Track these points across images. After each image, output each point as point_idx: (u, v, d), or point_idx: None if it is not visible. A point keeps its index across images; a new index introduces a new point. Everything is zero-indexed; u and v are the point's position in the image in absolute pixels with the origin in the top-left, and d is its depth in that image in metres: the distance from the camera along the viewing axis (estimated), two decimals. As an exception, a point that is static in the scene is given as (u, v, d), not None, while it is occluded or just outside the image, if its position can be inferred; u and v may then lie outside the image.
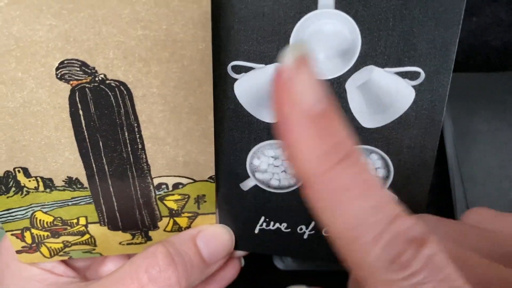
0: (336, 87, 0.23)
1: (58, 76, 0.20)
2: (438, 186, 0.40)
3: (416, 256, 0.15)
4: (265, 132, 0.24)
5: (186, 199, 0.25)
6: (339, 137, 0.15)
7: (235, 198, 0.26)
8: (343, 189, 0.15)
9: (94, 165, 0.23)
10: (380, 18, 0.21)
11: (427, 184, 0.24)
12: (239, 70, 0.23)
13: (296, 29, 0.21)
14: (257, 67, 0.22)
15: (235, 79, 0.23)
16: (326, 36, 0.21)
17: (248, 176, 0.25)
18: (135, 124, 0.22)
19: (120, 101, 0.21)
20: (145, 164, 0.23)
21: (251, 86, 0.23)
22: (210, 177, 0.24)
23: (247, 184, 0.26)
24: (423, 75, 0.22)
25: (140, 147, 0.23)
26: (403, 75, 0.22)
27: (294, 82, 0.14)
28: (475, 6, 0.43)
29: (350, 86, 0.23)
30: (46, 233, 0.26)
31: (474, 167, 0.39)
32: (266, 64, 0.22)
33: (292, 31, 0.21)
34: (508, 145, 0.40)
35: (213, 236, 0.26)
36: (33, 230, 0.25)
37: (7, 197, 0.24)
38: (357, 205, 0.15)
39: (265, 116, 0.24)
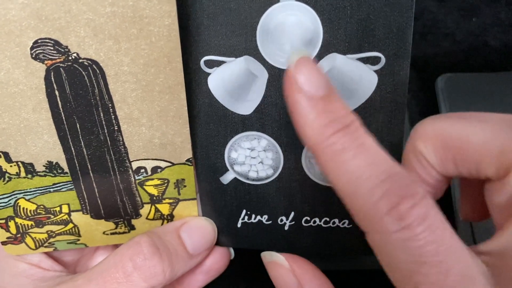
0: None
1: (33, 56, 0.21)
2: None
3: (410, 212, 0.16)
4: (240, 124, 0.25)
5: (166, 184, 0.26)
6: (337, 113, 0.18)
7: (216, 192, 0.26)
8: (341, 151, 0.17)
9: (72, 148, 0.24)
10: (338, 7, 0.22)
11: None
12: (212, 64, 0.24)
13: (261, 22, 0.23)
14: (228, 60, 0.23)
15: (208, 74, 0.24)
16: (290, 27, 0.23)
17: (227, 170, 0.26)
18: (110, 105, 0.23)
19: (94, 81, 0.22)
20: (122, 146, 0.24)
21: (224, 79, 0.24)
22: (188, 160, 0.25)
23: (226, 178, 0.26)
24: (383, 59, 0.23)
25: (116, 128, 0.23)
26: (365, 60, 0.23)
27: (298, 76, 0.18)
28: (475, 7, 0.44)
29: None
30: (30, 222, 0.26)
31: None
32: (236, 57, 0.23)
33: (258, 24, 0.23)
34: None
35: (197, 228, 0.27)
36: (17, 220, 0.26)
37: (-10, 184, 0.24)
38: (353, 163, 0.17)
39: (239, 108, 0.24)
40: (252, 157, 0.26)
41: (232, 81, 0.24)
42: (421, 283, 0.16)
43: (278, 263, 0.24)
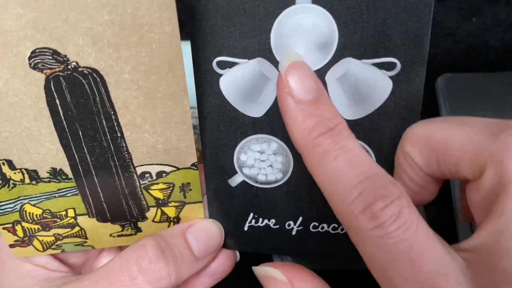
0: None
1: (32, 66, 0.20)
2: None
3: (384, 211, 0.17)
4: (251, 126, 0.24)
5: (171, 188, 0.25)
6: (323, 117, 0.19)
7: (224, 195, 0.26)
8: (324, 153, 0.19)
9: (76, 155, 0.23)
10: (354, 10, 0.21)
11: None
12: (224, 65, 0.23)
13: (276, 24, 0.22)
14: (241, 62, 0.23)
15: (220, 75, 0.23)
16: (305, 30, 0.22)
17: (236, 172, 0.25)
18: (112, 112, 0.22)
19: (95, 89, 0.21)
20: (126, 152, 0.24)
21: (236, 80, 0.23)
22: (193, 164, 0.24)
23: (235, 180, 0.26)
24: (399, 65, 0.22)
25: (119, 135, 0.23)
26: (380, 66, 0.22)
27: (289, 79, 0.20)
28: (475, 7, 0.43)
29: (330, 78, 0.23)
30: (36, 226, 0.26)
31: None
32: (249, 59, 0.23)
33: (273, 26, 0.22)
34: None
35: (203, 230, 0.26)
36: (23, 224, 0.26)
37: (-5, 190, 0.24)
38: (334, 164, 0.19)
39: (250, 110, 0.24)
40: (261, 160, 0.25)
41: (244, 83, 0.23)
42: (394, 278, 0.17)
43: (273, 277, 0.23)
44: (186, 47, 0.21)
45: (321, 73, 0.23)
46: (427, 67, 0.42)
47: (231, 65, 0.23)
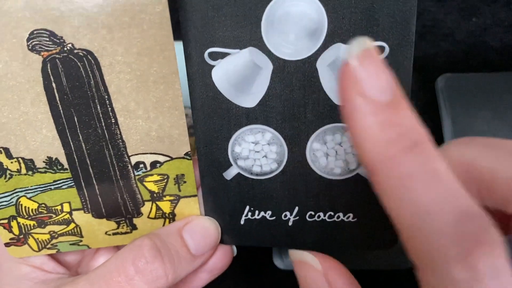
0: (308, 67, 0.23)
1: (30, 47, 0.21)
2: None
3: (484, 262, 0.14)
4: (244, 117, 0.24)
5: (165, 180, 0.25)
6: (405, 126, 0.15)
7: (219, 188, 0.26)
8: (408, 177, 0.15)
9: (71, 143, 0.24)
10: None
11: None
12: (216, 56, 0.24)
13: (266, 12, 0.23)
14: (233, 52, 0.23)
15: (212, 66, 0.24)
16: (295, 17, 0.23)
17: (230, 165, 0.25)
18: (106, 96, 0.23)
19: (89, 71, 0.22)
20: (120, 140, 0.24)
21: (228, 71, 0.24)
22: (186, 154, 0.25)
23: (230, 173, 0.26)
24: (387, 49, 0.23)
25: (113, 121, 0.23)
26: None
27: (360, 73, 0.15)
28: (474, 7, 0.43)
29: (321, 65, 0.23)
30: (32, 222, 0.26)
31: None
32: (240, 48, 0.23)
33: (263, 15, 0.23)
34: (508, 145, 0.39)
35: (199, 228, 0.26)
36: (19, 219, 0.26)
37: (-8, 181, 0.25)
38: (424, 194, 0.15)
39: (243, 101, 0.24)
40: (256, 151, 0.25)
41: (236, 73, 0.24)
42: None
43: (309, 264, 0.22)
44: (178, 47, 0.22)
45: (312, 60, 0.23)
46: (427, 67, 0.42)
47: (223, 55, 0.24)
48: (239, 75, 0.24)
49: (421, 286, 0.16)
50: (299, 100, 0.24)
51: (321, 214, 0.25)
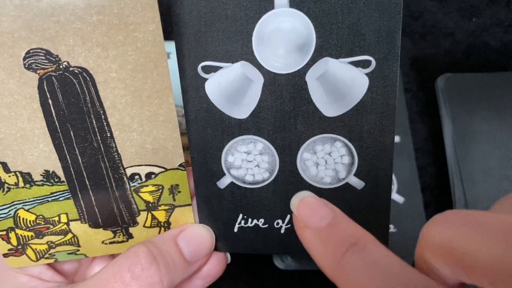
0: (298, 80, 0.24)
1: (26, 66, 0.22)
2: (438, 186, 0.40)
3: None
4: (237, 128, 0.25)
5: (160, 190, 0.26)
6: (344, 235, 0.20)
7: (213, 197, 0.27)
8: (355, 272, 0.18)
9: (68, 157, 0.24)
10: (330, 13, 0.23)
11: (389, 167, 0.25)
12: (209, 70, 0.24)
13: (256, 28, 0.23)
14: (225, 66, 0.24)
15: (205, 79, 0.25)
16: (284, 32, 0.23)
17: (224, 174, 0.26)
18: (101, 111, 0.23)
19: (85, 88, 0.23)
20: (115, 153, 0.25)
21: (220, 84, 0.25)
22: (181, 165, 0.25)
23: (223, 182, 0.26)
24: (374, 63, 0.23)
25: (108, 135, 0.24)
26: (356, 64, 0.24)
27: (301, 214, 0.22)
28: (475, 7, 0.44)
29: (310, 78, 0.24)
30: (30, 233, 0.27)
31: (474, 167, 0.39)
32: (232, 62, 0.24)
33: (254, 30, 0.23)
34: (508, 145, 0.40)
35: (194, 235, 0.27)
36: (17, 231, 0.26)
37: (-10, 195, 0.25)
38: (370, 283, 0.18)
39: (236, 112, 0.25)
40: (248, 161, 0.26)
41: (228, 86, 0.25)
42: None
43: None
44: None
45: (301, 73, 0.24)
46: (427, 67, 0.43)
47: (216, 69, 0.24)
48: (231, 87, 0.25)
49: None
50: (289, 111, 0.24)
51: None
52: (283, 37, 0.23)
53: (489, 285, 0.17)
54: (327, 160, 0.25)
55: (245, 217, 0.27)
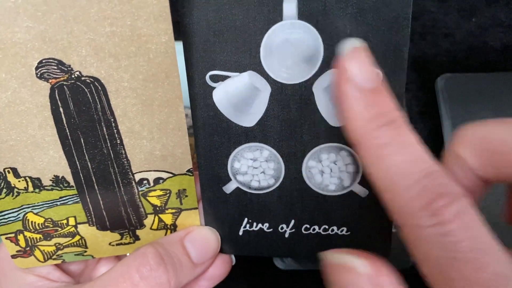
0: (305, 90, 0.24)
1: (38, 75, 0.22)
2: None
3: (445, 209, 0.17)
4: (243, 136, 0.26)
5: (168, 194, 0.27)
6: (384, 108, 0.19)
7: (219, 202, 0.27)
8: (384, 146, 0.18)
9: (77, 163, 0.25)
10: (338, 25, 0.23)
11: None
12: (216, 79, 0.25)
13: (265, 39, 0.24)
14: (233, 75, 0.24)
15: (213, 88, 0.25)
16: (292, 44, 0.24)
17: (230, 179, 0.27)
18: (112, 119, 0.24)
19: (96, 97, 0.23)
20: (125, 159, 0.25)
21: (228, 93, 0.25)
22: (189, 170, 0.26)
23: (229, 187, 0.27)
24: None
25: (118, 142, 0.24)
26: None
27: (349, 64, 0.19)
28: (474, 7, 0.44)
29: (317, 88, 0.24)
30: (38, 236, 0.27)
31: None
32: (240, 72, 0.24)
33: (262, 41, 0.24)
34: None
35: (200, 237, 0.28)
36: (26, 233, 0.27)
37: (0, 199, 0.25)
38: (395, 159, 0.18)
39: (243, 120, 0.25)
40: (254, 167, 0.26)
41: (236, 95, 0.25)
42: (454, 279, 0.16)
43: (350, 267, 0.19)
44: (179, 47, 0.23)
45: (308, 84, 0.24)
46: (427, 67, 0.43)
47: (223, 78, 0.25)
48: (239, 96, 0.25)
49: (406, 243, 0.18)
50: (295, 121, 0.25)
51: (316, 227, 0.27)
52: (291, 48, 0.24)
53: None
54: (332, 168, 0.26)
55: (250, 221, 0.27)
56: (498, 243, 0.17)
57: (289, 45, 0.24)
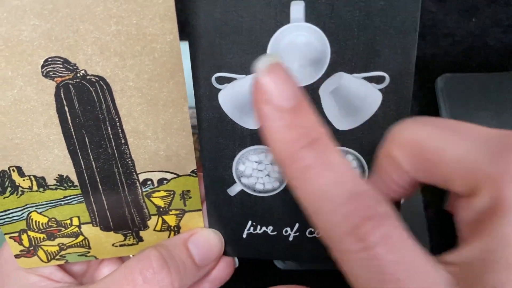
0: (311, 93, 0.24)
1: (44, 74, 0.22)
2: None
3: (371, 232, 0.16)
4: (249, 138, 0.25)
5: (172, 195, 0.27)
6: (305, 127, 0.18)
7: (223, 204, 0.27)
8: (307, 168, 0.17)
9: (82, 162, 0.25)
10: (345, 28, 0.23)
11: None
12: (222, 81, 0.25)
13: (272, 41, 0.23)
14: (239, 77, 0.24)
15: (219, 90, 0.25)
16: (299, 47, 0.23)
17: (234, 182, 0.27)
18: (117, 119, 0.24)
19: (101, 96, 0.23)
20: (129, 159, 0.25)
21: (234, 95, 0.25)
22: (193, 171, 0.26)
23: (234, 190, 0.27)
24: (388, 79, 0.24)
25: (123, 141, 0.24)
26: (370, 79, 0.24)
27: (266, 84, 0.18)
28: (474, 7, 0.44)
29: (323, 92, 0.24)
30: (42, 235, 0.27)
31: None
32: (246, 74, 0.24)
33: (269, 43, 0.24)
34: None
35: (204, 239, 0.27)
36: (29, 233, 0.27)
37: (4, 198, 0.25)
38: (318, 181, 0.17)
39: (248, 123, 0.25)
40: (259, 170, 0.26)
41: (242, 97, 0.25)
42: None
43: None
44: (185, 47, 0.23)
45: (314, 87, 0.24)
46: (427, 67, 0.43)
47: (229, 80, 0.25)
48: (245, 99, 0.25)
49: (337, 263, 0.18)
50: None
51: None
52: (297, 51, 0.24)
53: (448, 181, 0.18)
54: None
55: (254, 224, 0.27)
56: (424, 257, 0.17)
57: (295, 48, 0.24)
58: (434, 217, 0.38)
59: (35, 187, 0.25)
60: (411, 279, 0.16)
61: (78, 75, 0.22)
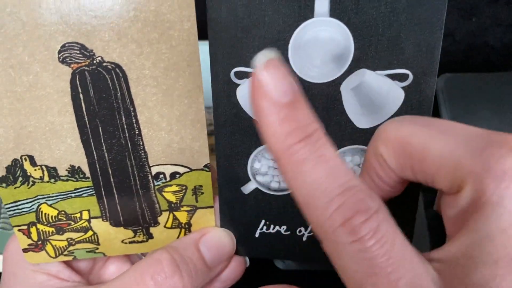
0: (332, 90, 0.24)
1: (60, 59, 0.22)
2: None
3: (363, 225, 0.17)
4: None
5: (184, 191, 0.26)
6: (301, 122, 0.18)
7: (236, 202, 0.26)
8: (302, 162, 0.18)
9: (94, 153, 0.24)
10: (370, 24, 0.23)
11: None
12: (242, 75, 0.24)
13: (294, 36, 0.23)
14: None
15: (238, 85, 0.24)
16: (322, 42, 0.23)
17: (249, 180, 0.26)
18: (131, 108, 0.23)
19: (117, 84, 0.23)
20: (142, 151, 0.24)
21: None
22: (206, 166, 0.25)
23: (248, 188, 0.26)
24: (411, 77, 0.23)
25: (137, 132, 0.24)
26: (393, 77, 0.23)
27: (264, 79, 0.18)
28: (474, 7, 0.44)
29: (345, 88, 0.24)
30: (51, 229, 0.27)
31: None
32: None
33: (291, 38, 0.23)
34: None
35: (215, 240, 0.27)
36: (39, 226, 0.26)
37: (15, 188, 0.25)
38: (312, 175, 0.18)
39: None
40: (275, 168, 0.26)
41: None
42: None
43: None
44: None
45: (336, 83, 0.24)
46: None
47: (249, 75, 0.24)
48: None
49: (328, 256, 0.18)
50: (321, 121, 0.24)
51: None
52: (320, 46, 0.23)
53: (432, 178, 0.19)
54: (355, 171, 0.25)
55: (267, 223, 0.26)
56: (413, 253, 0.17)
57: (318, 43, 0.23)
58: (434, 217, 0.37)
59: (46, 178, 0.25)
60: (399, 272, 0.17)
61: (95, 61, 0.22)
